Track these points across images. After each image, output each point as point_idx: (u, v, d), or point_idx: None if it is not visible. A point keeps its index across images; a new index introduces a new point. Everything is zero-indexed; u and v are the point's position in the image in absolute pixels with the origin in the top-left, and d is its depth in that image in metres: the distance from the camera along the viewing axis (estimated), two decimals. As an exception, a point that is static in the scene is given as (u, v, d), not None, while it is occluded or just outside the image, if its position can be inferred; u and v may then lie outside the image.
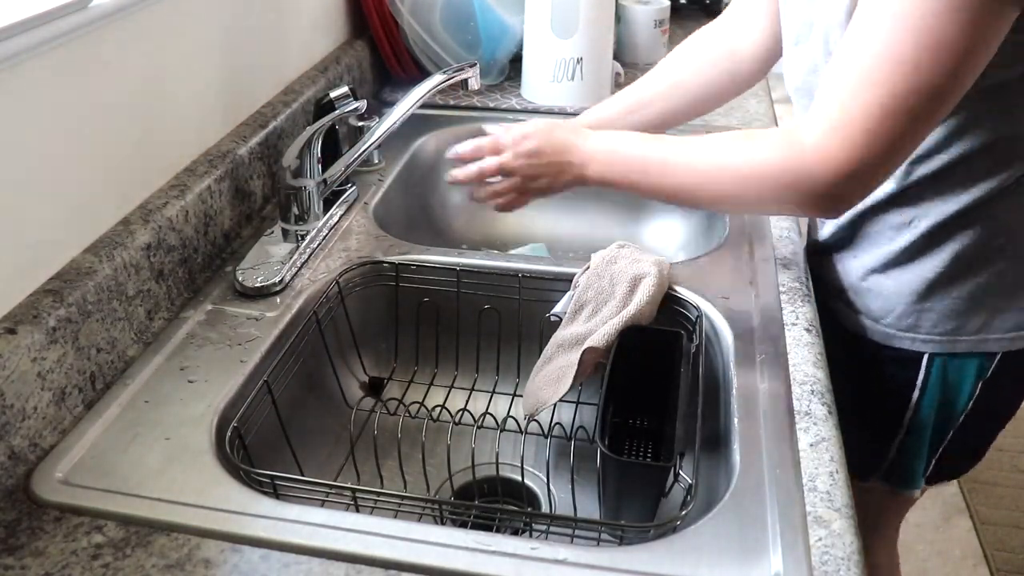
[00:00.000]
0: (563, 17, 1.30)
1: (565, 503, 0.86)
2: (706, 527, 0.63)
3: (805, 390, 0.76)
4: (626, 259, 0.88)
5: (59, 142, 0.73)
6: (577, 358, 0.81)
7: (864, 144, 0.69)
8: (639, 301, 0.83)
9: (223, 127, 1.00)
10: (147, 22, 0.84)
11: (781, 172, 0.73)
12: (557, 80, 1.35)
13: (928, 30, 0.64)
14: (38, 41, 0.68)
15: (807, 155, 0.71)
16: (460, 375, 0.99)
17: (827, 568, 0.59)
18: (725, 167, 0.78)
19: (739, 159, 0.77)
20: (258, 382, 0.77)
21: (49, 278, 0.73)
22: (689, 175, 0.80)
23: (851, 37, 0.69)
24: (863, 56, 0.68)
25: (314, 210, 0.98)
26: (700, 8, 1.94)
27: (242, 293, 0.89)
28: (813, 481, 0.66)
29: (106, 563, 0.60)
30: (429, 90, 1.03)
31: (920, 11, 0.64)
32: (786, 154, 0.73)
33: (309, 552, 0.61)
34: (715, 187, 0.79)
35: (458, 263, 0.96)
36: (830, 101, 0.70)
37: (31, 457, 0.68)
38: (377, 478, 0.85)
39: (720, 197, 0.80)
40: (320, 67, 1.23)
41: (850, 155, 0.69)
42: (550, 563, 0.60)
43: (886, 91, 0.67)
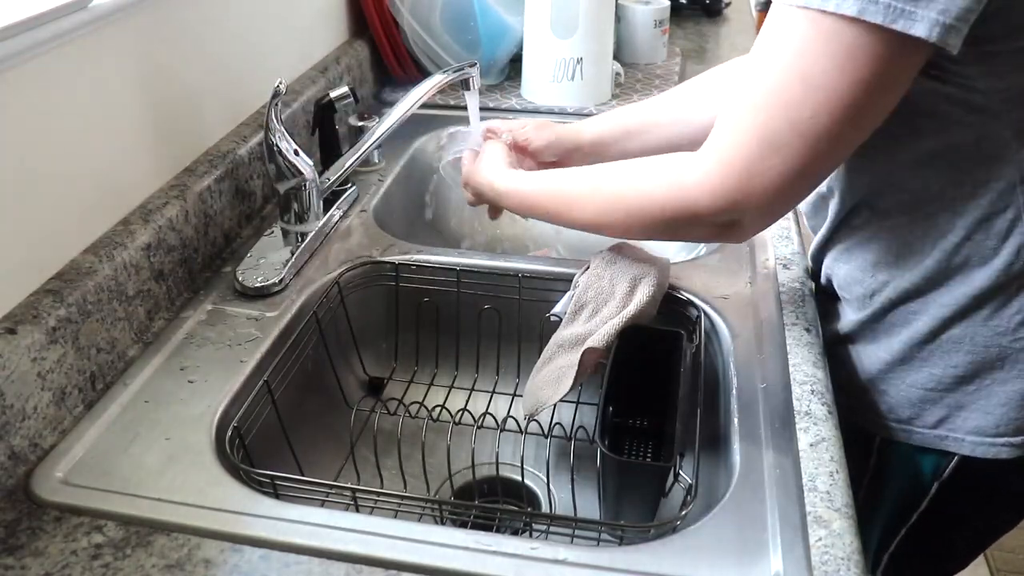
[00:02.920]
0: (563, 17, 1.30)
1: (565, 503, 0.86)
2: (706, 527, 0.63)
3: (805, 390, 0.76)
4: (626, 259, 0.88)
5: (59, 142, 0.73)
6: (577, 358, 0.81)
7: (744, 178, 0.66)
8: (639, 301, 0.83)
9: (223, 127, 1.00)
10: (146, 22, 0.84)
11: (668, 203, 0.72)
12: (557, 80, 1.35)
13: (812, 71, 0.61)
14: (38, 41, 0.68)
15: (691, 188, 0.70)
16: (460, 375, 0.99)
17: (827, 568, 0.59)
18: (620, 199, 0.77)
19: (631, 191, 0.76)
20: (258, 382, 0.77)
21: (49, 278, 0.73)
22: (591, 209, 0.81)
23: (748, 68, 0.67)
24: (751, 89, 0.66)
25: (314, 210, 0.98)
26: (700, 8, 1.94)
27: (242, 293, 0.89)
28: (813, 481, 0.66)
29: (106, 563, 0.60)
30: (429, 90, 1.03)
31: (805, 48, 0.61)
32: (672, 187, 0.72)
33: (309, 552, 0.61)
34: (617, 217, 0.78)
35: (458, 263, 0.96)
36: (718, 130, 0.68)
37: (31, 457, 0.68)
38: (377, 478, 0.85)
39: (623, 227, 0.79)
40: (320, 67, 1.23)
41: (729, 188, 0.67)
42: (550, 563, 0.60)
43: (768, 127, 0.64)
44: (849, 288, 0.83)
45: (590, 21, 1.30)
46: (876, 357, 0.82)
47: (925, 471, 0.83)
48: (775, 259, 0.95)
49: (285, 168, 0.93)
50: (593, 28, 1.31)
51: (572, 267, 0.92)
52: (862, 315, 0.82)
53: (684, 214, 0.72)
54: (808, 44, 0.61)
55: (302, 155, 0.94)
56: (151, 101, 0.86)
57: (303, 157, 0.94)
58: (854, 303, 0.83)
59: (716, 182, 0.68)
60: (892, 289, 0.78)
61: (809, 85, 0.62)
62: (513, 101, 1.39)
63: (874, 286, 0.79)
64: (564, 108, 1.35)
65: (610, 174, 0.80)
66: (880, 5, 0.57)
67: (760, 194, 0.67)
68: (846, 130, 0.64)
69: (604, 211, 0.79)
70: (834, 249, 0.84)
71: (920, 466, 0.83)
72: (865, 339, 0.82)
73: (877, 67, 0.60)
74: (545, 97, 1.37)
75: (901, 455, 0.83)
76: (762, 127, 0.65)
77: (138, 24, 0.82)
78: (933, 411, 0.80)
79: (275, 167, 0.93)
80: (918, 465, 0.83)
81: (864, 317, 0.81)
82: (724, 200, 0.68)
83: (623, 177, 0.78)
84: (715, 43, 1.77)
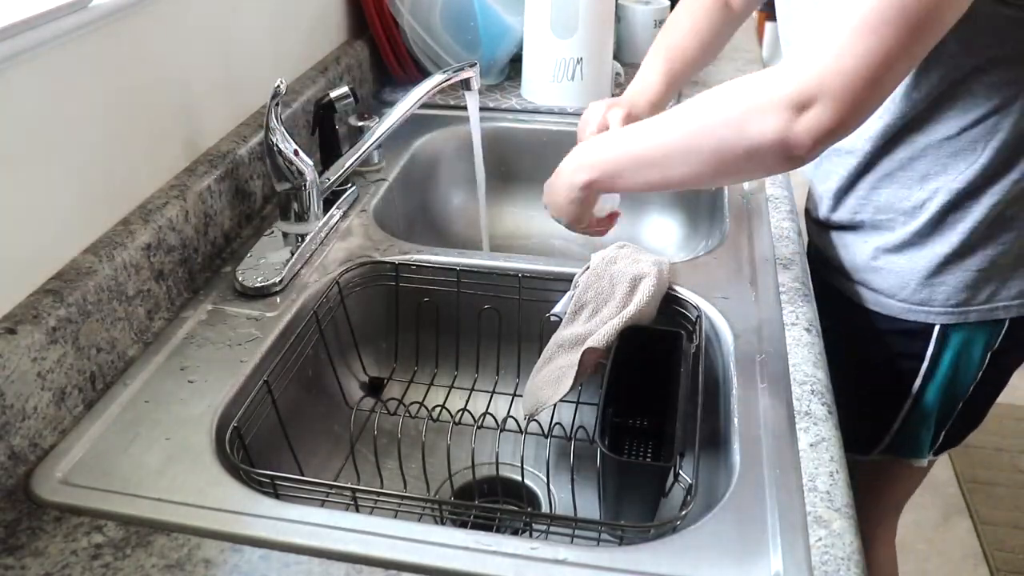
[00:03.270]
0: (563, 17, 1.30)
1: (565, 503, 0.86)
2: (706, 527, 0.63)
3: (805, 390, 0.76)
4: (626, 259, 0.88)
5: (58, 142, 0.73)
6: (577, 358, 0.81)
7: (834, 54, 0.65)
8: (639, 301, 0.83)
9: (223, 127, 1.00)
10: (147, 23, 0.84)
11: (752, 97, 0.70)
12: (557, 80, 1.35)
13: None
14: (38, 41, 0.68)
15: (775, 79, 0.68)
16: (460, 375, 0.99)
17: (827, 568, 0.59)
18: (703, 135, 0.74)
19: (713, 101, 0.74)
20: (258, 382, 0.77)
21: (49, 278, 0.73)
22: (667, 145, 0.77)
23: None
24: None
25: (314, 210, 0.98)
26: (700, 8, 1.93)
27: (242, 293, 0.89)
28: (813, 481, 0.66)
29: (106, 563, 0.60)
30: (429, 90, 1.03)
31: None
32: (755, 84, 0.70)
33: (309, 552, 0.61)
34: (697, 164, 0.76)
35: (458, 263, 0.96)
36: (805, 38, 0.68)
37: (31, 457, 0.68)
38: (377, 478, 0.85)
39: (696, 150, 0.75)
40: (320, 67, 1.23)
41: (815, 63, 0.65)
42: (550, 563, 0.60)
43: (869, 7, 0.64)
44: (891, 207, 0.88)
45: (590, 21, 1.30)
46: (934, 253, 0.87)
47: (978, 345, 0.92)
48: (775, 259, 0.95)
49: (285, 168, 0.93)
50: (593, 28, 1.31)
51: (572, 267, 0.92)
52: (916, 224, 0.87)
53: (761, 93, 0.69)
54: None
55: (302, 155, 0.94)
56: (151, 101, 0.86)
57: (303, 157, 0.94)
58: (899, 219, 0.88)
59: (801, 61, 0.66)
60: (944, 193, 0.84)
61: None
62: (513, 101, 1.39)
63: (924, 196, 0.85)
64: (564, 108, 1.35)
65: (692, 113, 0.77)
66: None
67: (848, 73, 0.64)
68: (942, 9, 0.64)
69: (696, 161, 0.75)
70: (869, 177, 0.89)
71: (974, 342, 0.92)
72: (920, 243, 0.88)
73: None
74: (545, 97, 1.37)
75: (957, 337, 0.92)
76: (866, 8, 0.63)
77: (138, 24, 0.82)
78: (985, 288, 0.89)
79: (275, 167, 0.93)
80: (972, 341, 0.92)
81: (918, 226, 0.87)
82: (808, 73, 0.66)
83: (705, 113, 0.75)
84: (715, 43, 1.77)
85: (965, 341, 0.92)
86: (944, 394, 0.96)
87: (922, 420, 0.98)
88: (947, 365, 0.94)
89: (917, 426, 0.99)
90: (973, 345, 0.92)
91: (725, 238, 1.00)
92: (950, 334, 0.92)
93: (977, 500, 1.99)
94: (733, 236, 0.99)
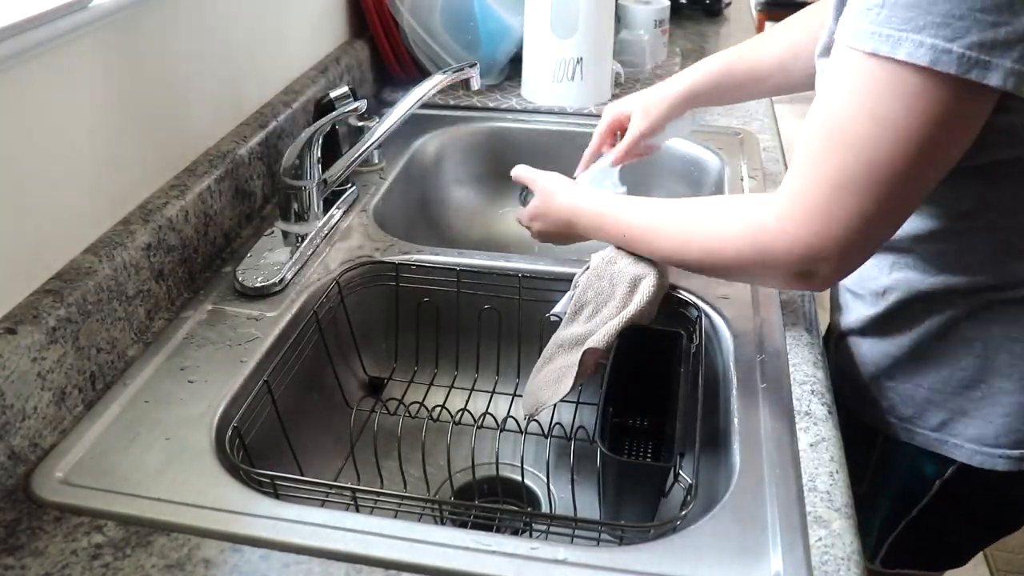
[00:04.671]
0: (563, 17, 1.30)
1: (565, 503, 0.86)
2: (706, 527, 0.63)
3: (805, 390, 0.76)
4: (626, 259, 0.88)
5: (58, 142, 0.73)
6: (577, 359, 0.81)
7: (822, 223, 0.64)
8: (639, 301, 0.83)
9: (223, 127, 1.00)
10: (147, 23, 0.84)
11: (744, 247, 0.70)
12: (557, 80, 1.35)
13: (882, 112, 0.60)
14: (38, 41, 0.68)
15: (768, 232, 0.68)
16: (460, 375, 0.99)
17: (827, 568, 0.59)
18: (695, 236, 0.76)
19: (707, 230, 0.75)
20: (258, 382, 0.77)
21: (49, 278, 0.73)
22: (668, 243, 0.79)
23: (814, 107, 0.66)
24: (820, 128, 0.64)
25: (314, 210, 0.98)
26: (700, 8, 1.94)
27: (242, 293, 0.89)
28: (813, 481, 0.66)
29: (106, 563, 0.60)
30: (429, 90, 1.03)
31: (875, 91, 0.60)
32: (748, 230, 0.70)
33: (309, 552, 0.61)
34: (692, 255, 0.77)
35: (458, 263, 0.96)
36: (792, 176, 0.67)
37: (31, 457, 0.68)
38: (377, 478, 0.85)
39: (698, 265, 0.77)
40: (320, 67, 1.23)
41: (808, 233, 0.65)
42: (550, 563, 0.60)
43: (839, 168, 0.62)
44: (862, 283, 0.83)
45: (590, 21, 1.30)
46: (885, 353, 0.81)
47: (928, 470, 0.83)
48: (775, 259, 0.95)
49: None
50: (593, 28, 1.31)
51: (572, 267, 0.92)
52: (874, 311, 0.81)
53: (760, 260, 0.70)
54: (877, 87, 0.59)
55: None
56: (151, 100, 0.86)
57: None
58: (866, 298, 0.82)
59: (792, 227, 0.66)
60: (907, 289, 0.78)
61: (880, 126, 0.60)
62: (513, 101, 1.39)
63: (888, 283, 0.79)
64: (564, 108, 1.35)
65: (688, 210, 0.78)
66: (954, 56, 0.55)
67: (839, 239, 0.64)
68: (921, 170, 0.62)
69: (681, 246, 0.77)
70: None
71: (921, 465, 0.83)
72: (875, 334, 0.82)
73: (949, 110, 0.59)
74: (545, 97, 1.37)
75: (904, 452, 0.83)
76: (836, 169, 0.63)
77: (138, 24, 0.82)
78: (936, 413, 0.80)
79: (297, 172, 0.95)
80: (919, 464, 0.83)
81: (876, 312, 0.81)
82: (802, 246, 0.66)
83: (701, 214, 0.77)
84: (715, 43, 1.77)
85: (913, 459, 0.83)
86: (889, 505, 0.88)
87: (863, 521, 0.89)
88: (890, 477, 0.86)
89: None
90: (922, 467, 0.83)
91: (725, 238, 0.99)
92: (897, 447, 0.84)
93: (977, 500, 1.99)
94: (733, 236, 0.99)
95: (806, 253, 0.66)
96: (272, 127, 1.06)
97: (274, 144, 1.06)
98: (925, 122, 0.59)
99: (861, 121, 0.61)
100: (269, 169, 1.05)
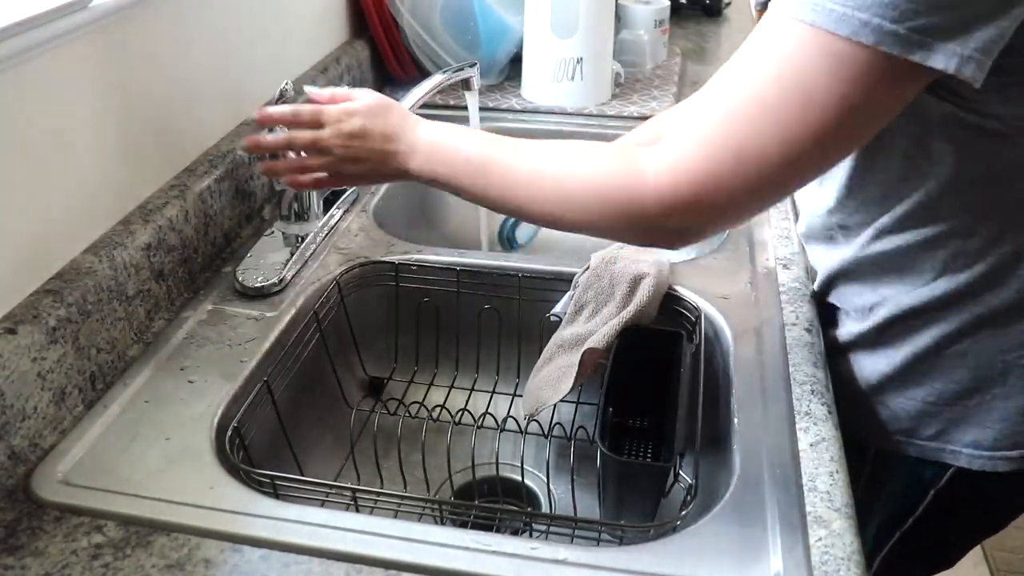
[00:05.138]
0: (563, 17, 1.30)
1: (565, 503, 0.86)
2: (706, 527, 0.63)
3: (805, 390, 0.76)
4: (626, 259, 0.88)
5: (59, 142, 0.73)
6: (577, 359, 0.81)
7: (707, 187, 0.61)
8: (639, 301, 0.83)
9: (223, 127, 1.00)
10: (147, 23, 0.84)
11: (612, 192, 0.65)
12: (557, 80, 1.35)
13: (812, 86, 0.57)
14: (38, 41, 0.68)
15: (644, 182, 0.64)
16: (460, 375, 0.99)
17: (827, 568, 0.59)
18: (553, 175, 0.69)
19: (571, 169, 0.68)
20: (258, 382, 0.77)
21: (49, 278, 0.73)
22: (513, 180, 0.71)
23: (726, 69, 0.62)
24: (734, 89, 0.61)
25: (314, 210, 0.98)
26: (700, 8, 1.94)
27: (242, 293, 0.89)
28: (813, 481, 0.66)
29: (106, 563, 0.60)
30: (429, 90, 1.03)
31: (809, 63, 0.57)
32: (621, 176, 0.65)
33: (309, 552, 0.61)
34: (539, 196, 0.70)
35: (458, 263, 0.96)
36: (686, 133, 0.62)
37: (31, 457, 0.68)
38: (377, 478, 0.85)
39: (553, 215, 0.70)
40: (320, 67, 1.23)
41: (686, 194, 0.62)
42: (550, 563, 0.60)
43: (749, 134, 0.59)
44: (848, 299, 0.81)
45: (590, 21, 1.30)
46: (875, 369, 0.80)
47: (921, 480, 0.82)
48: (775, 259, 0.95)
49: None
50: (593, 28, 1.31)
51: (572, 267, 0.92)
52: (862, 327, 0.80)
53: (632, 208, 0.65)
54: (810, 62, 0.57)
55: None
56: (151, 100, 0.86)
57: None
58: (853, 315, 0.81)
59: (672, 186, 0.62)
60: (894, 305, 0.76)
61: (808, 99, 0.57)
62: (513, 101, 1.39)
63: (874, 299, 0.78)
64: (564, 108, 1.35)
65: (552, 153, 0.71)
66: (899, 37, 0.54)
67: (720, 205, 0.62)
68: (830, 149, 0.60)
69: (538, 192, 0.70)
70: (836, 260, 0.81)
71: (916, 475, 0.82)
72: (865, 350, 0.81)
73: (883, 90, 0.57)
74: (545, 97, 1.37)
75: (897, 464, 0.83)
76: (747, 134, 0.59)
77: (138, 24, 0.82)
78: (932, 424, 0.79)
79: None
80: (914, 474, 0.82)
81: (864, 329, 0.80)
82: (678, 205, 0.62)
83: (567, 159, 0.69)
84: (715, 43, 1.78)
85: (906, 471, 0.82)
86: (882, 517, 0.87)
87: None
88: (883, 489, 0.84)
89: None
90: (916, 477, 0.82)
91: (725, 238, 0.99)
92: (890, 459, 0.82)
93: (977, 500, 1.99)
94: (733, 236, 0.99)
95: (681, 212, 0.63)
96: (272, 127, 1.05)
97: (274, 144, 1.06)
98: (854, 102, 0.57)
99: (787, 91, 0.58)
100: (269, 169, 1.05)
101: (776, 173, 0.60)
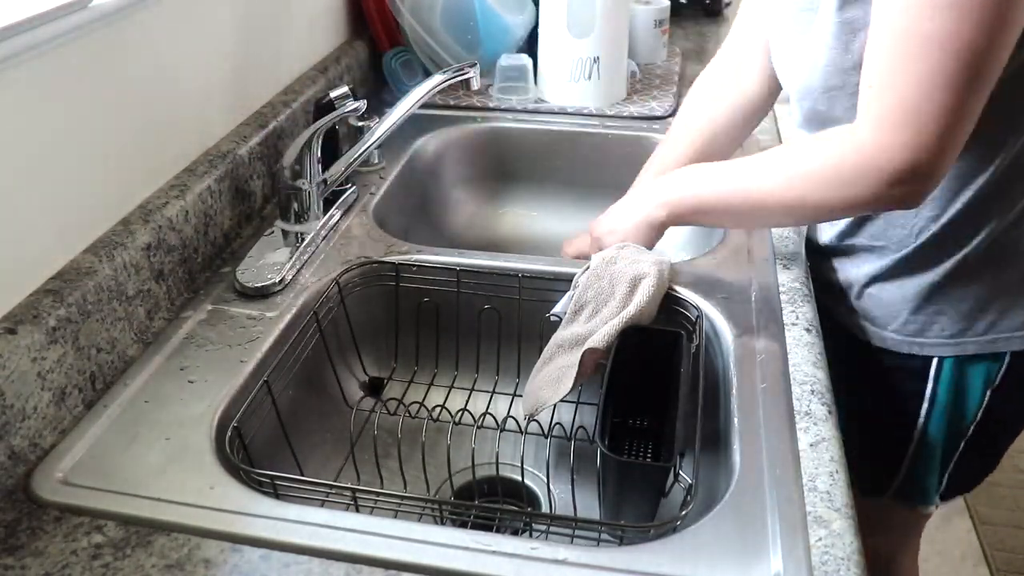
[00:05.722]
0: (579, 17, 1.30)
1: (565, 503, 0.86)
2: (706, 527, 0.63)
3: (805, 390, 0.76)
4: (626, 259, 0.88)
5: (59, 142, 0.73)
6: (577, 359, 0.81)
7: (918, 124, 0.67)
8: (639, 301, 0.83)
9: (223, 127, 1.00)
10: (147, 23, 0.84)
11: (849, 174, 0.72)
12: (574, 80, 1.34)
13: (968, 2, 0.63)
14: (38, 41, 0.68)
15: (867, 150, 0.70)
16: (460, 375, 0.99)
17: (827, 568, 0.59)
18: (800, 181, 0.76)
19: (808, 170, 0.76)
20: (258, 382, 0.77)
21: (49, 278, 0.73)
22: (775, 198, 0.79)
23: (875, 24, 0.68)
24: (893, 40, 0.67)
25: (314, 210, 0.98)
26: (700, 8, 1.94)
27: (242, 293, 0.89)
28: (813, 481, 0.66)
29: (106, 563, 0.60)
30: (429, 90, 1.03)
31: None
32: (848, 153, 0.72)
33: (309, 552, 0.61)
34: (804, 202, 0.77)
35: (458, 263, 0.96)
36: (871, 94, 0.69)
37: (31, 457, 0.68)
38: (377, 478, 0.85)
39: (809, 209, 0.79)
40: (320, 67, 1.23)
41: (906, 138, 0.68)
42: (550, 563, 0.60)
43: (927, 68, 0.65)
44: (885, 234, 0.85)
45: (607, 20, 1.30)
46: (922, 282, 0.84)
47: (977, 382, 0.88)
48: (775, 259, 0.95)
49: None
50: (609, 27, 1.31)
51: (572, 267, 0.92)
52: (904, 252, 0.84)
53: (870, 178, 0.71)
54: None
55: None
56: (151, 100, 0.86)
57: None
58: (892, 247, 0.85)
59: (889, 137, 0.68)
60: (943, 221, 0.81)
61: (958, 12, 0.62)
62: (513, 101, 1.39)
63: (920, 224, 0.82)
64: (579, 109, 1.35)
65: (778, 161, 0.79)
66: None
67: (937, 135, 0.67)
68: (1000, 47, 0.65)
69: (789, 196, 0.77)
70: None
71: (972, 378, 0.88)
72: (910, 271, 0.85)
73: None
74: (562, 97, 1.36)
75: (954, 372, 0.88)
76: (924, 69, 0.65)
77: (138, 24, 0.82)
78: (984, 318, 0.85)
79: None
80: (970, 377, 0.88)
81: (907, 253, 0.84)
82: (903, 152, 0.68)
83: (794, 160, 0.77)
84: (715, 43, 1.77)
85: (963, 376, 0.89)
86: (946, 434, 0.93)
87: (927, 464, 0.95)
88: (946, 403, 0.90)
89: (923, 471, 0.96)
90: (971, 381, 0.89)
91: (725, 238, 0.99)
92: (947, 368, 0.89)
93: (977, 500, 1.99)
94: (733, 236, 0.99)
95: (908, 157, 0.68)
96: (272, 127, 1.06)
97: (274, 144, 1.06)
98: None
99: (939, 14, 0.63)
100: (269, 169, 1.05)
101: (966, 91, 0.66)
